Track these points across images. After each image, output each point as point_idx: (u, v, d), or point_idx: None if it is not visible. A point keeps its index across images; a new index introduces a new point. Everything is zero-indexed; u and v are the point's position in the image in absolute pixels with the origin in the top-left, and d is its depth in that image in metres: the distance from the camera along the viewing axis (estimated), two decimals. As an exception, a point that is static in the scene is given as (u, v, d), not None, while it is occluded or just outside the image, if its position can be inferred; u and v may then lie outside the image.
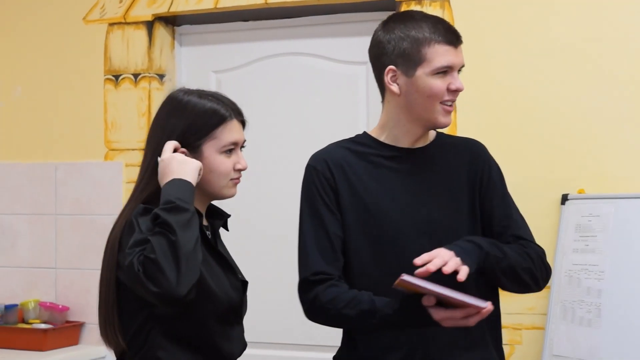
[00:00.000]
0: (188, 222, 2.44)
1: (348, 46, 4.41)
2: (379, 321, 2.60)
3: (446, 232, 2.75)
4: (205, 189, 2.68)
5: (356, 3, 4.27)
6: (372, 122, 4.31)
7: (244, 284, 2.80)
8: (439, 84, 2.73)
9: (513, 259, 2.69)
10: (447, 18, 4.03)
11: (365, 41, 2.88)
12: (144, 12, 4.59)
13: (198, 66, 4.71)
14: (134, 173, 4.53)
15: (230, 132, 2.67)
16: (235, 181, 2.72)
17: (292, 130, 4.46)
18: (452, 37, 2.73)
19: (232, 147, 2.67)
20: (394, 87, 2.77)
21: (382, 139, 2.85)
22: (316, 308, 2.70)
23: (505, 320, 2.90)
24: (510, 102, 3.88)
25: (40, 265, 4.74)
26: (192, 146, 2.64)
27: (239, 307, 2.73)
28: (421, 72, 2.73)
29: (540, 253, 2.79)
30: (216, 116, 2.66)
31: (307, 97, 4.49)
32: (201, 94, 2.72)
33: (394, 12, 4.14)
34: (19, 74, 4.85)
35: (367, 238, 2.76)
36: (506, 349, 3.85)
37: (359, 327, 2.70)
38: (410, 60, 2.74)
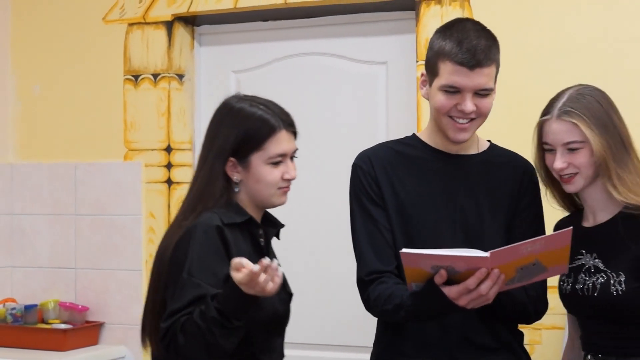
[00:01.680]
0: (232, 334, 2.48)
1: (368, 46, 4.39)
2: (405, 314, 2.65)
3: (480, 239, 2.76)
4: (254, 198, 2.69)
5: (375, 3, 4.25)
6: (391, 122, 4.31)
7: (290, 296, 2.81)
8: (445, 100, 2.73)
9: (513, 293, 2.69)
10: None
11: (385, 41, 2.88)
12: (163, 12, 4.59)
13: (217, 66, 4.70)
14: (154, 173, 4.56)
15: (278, 143, 2.66)
16: (284, 190, 2.72)
17: (312, 130, 4.44)
18: (468, 59, 2.68)
19: (279, 159, 2.67)
20: (423, 91, 2.83)
21: (428, 141, 2.88)
22: (370, 306, 2.78)
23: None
24: (530, 101, 3.86)
25: (59, 265, 4.74)
26: (240, 155, 2.65)
27: (284, 320, 2.74)
28: (435, 84, 2.75)
29: (540, 291, 2.81)
30: (265, 127, 2.65)
31: (327, 97, 4.48)
32: (253, 102, 2.72)
33: (413, 11, 4.13)
34: (38, 74, 4.85)
35: (405, 236, 2.80)
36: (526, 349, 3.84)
37: (396, 320, 2.75)
38: (429, 70, 2.78)
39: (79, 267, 4.71)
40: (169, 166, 4.58)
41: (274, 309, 2.66)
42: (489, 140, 2.98)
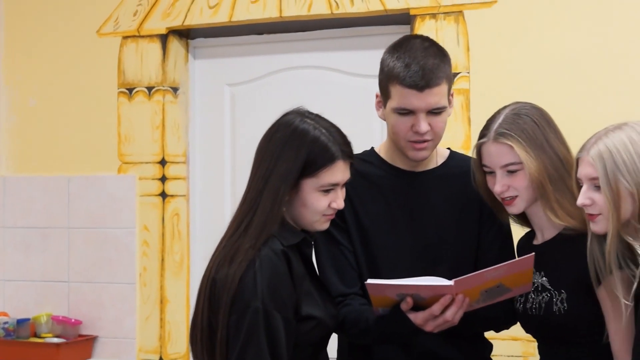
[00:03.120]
0: None
1: (363, 59, 4.39)
2: (373, 338, 2.69)
3: (442, 259, 2.77)
4: (297, 221, 2.62)
5: (371, 17, 4.26)
6: (386, 136, 4.29)
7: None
8: (400, 122, 2.73)
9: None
10: (461, 32, 4.02)
11: (380, 54, 2.87)
12: (157, 25, 4.59)
13: (212, 79, 4.70)
14: (148, 186, 4.55)
15: (333, 174, 2.57)
16: (329, 217, 2.64)
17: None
18: (418, 81, 2.66)
19: (330, 187, 2.59)
20: (379, 113, 2.84)
21: (387, 158, 2.87)
22: (338, 329, 2.76)
23: (517, 332, 2.89)
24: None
25: (52, 278, 4.73)
26: (295, 180, 2.56)
27: (331, 333, 2.71)
28: (389, 106, 2.76)
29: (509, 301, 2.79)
30: (325, 155, 2.56)
31: (322, 111, 4.44)
32: (317, 124, 2.63)
33: (408, 25, 4.14)
34: (32, 87, 4.84)
35: (367, 257, 2.80)
36: (521, 365, 3.83)
37: (365, 342, 2.77)
38: (382, 93, 2.80)
39: (72, 280, 4.69)
40: (163, 179, 4.57)
41: (327, 327, 2.63)
42: (448, 148, 2.98)
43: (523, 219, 2.86)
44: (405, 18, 4.16)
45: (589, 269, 2.56)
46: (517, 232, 2.93)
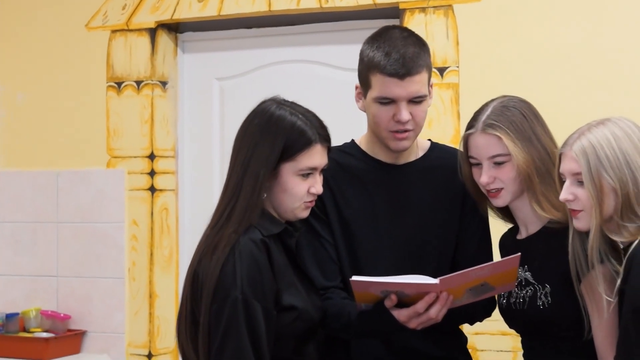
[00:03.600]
0: None
1: (352, 53, 4.33)
2: (355, 333, 2.69)
3: (424, 252, 2.78)
4: (278, 209, 2.65)
5: (360, 11, 4.25)
6: (375, 130, 4.30)
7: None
8: (382, 112, 2.73)
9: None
10: (450, 26, 4.02)
11: (370, 49, 2.86)
12: (146, 19, 4.58)
13: (201, 73, 4.69)
14: (137, 180, 4.54)
15: (311, 157, 2.61)
16: (308, 204, 2.66)
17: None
18: (398, 69, 2.67)
19: (309, 171, 2.62)
20: (359, 104, 2.83)
21: (368, 150, 2.87)
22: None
23: (507, 327, 2.88)
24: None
25: (41, 273, 4.72)
26: (274, 165, 2.59)
27: (317, 326, 2.71)
28: (369, 96, 2.75)
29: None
30: (302, 139, 2.60)
31: (311, 105, 4.44)
32: (293, 110, 2.67)
33: (397, 19, 4.13)
34: (20, 81, 4.83)
35: (347, 250, 2.80)
36: (509, 356, 3.84)
37: (346, 337, 2.77)
38: (362, 83, 2.79)
39: (61, 275, 4.68)
40: (152, 173, 4.56)
41: (310, 318, 2.64)
42: (429, 140, 2.99)
43: (506, 214, 2.87)
44: (394, 12, 4.16)
45: (570, 264, 2.57)
46: (500, 228, 2.94)
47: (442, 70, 4.03)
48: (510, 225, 2.90)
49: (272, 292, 2.52)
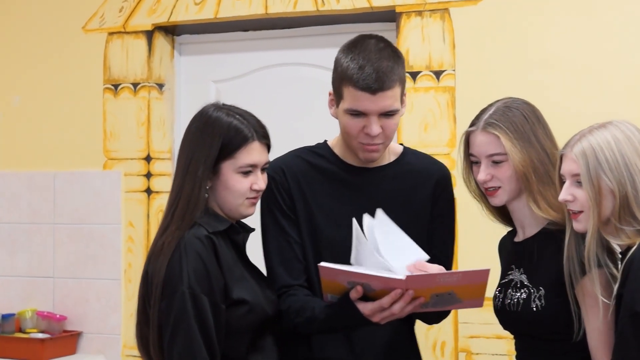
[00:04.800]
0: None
1: (348, 57, 4.39)
2: (319, 326, 2.69)
3: None
4: (223, 207, 2.72)
5: (357, 14, 4.26)
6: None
7: (276, 296, 2.82)
8: (352, 123, 2.74)
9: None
10: (447, 29, 4.03)
11: (365, 52, 2.86)
12: (143, 21, 4.59)
13: (197, 76, 4.70)
14: (133, 182, 4.55)
15: (249, 154, 2.69)
16: (252, 201, 2.74)
17: (292, 140, 4.43)
18: (371, 84, 2.66)
19: (249, 169, 2.69)
20: (331, 111, 2.84)
21: (340, 154, 2.89)
22: (281, 319, 2.77)
23: (502, 331, 2.89)
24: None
25: (38, 274, 4.72)
26: (212, 163, 2.68)
27: (272, 321, 2.74)
28: (341, 106, 2.76)
29: None
30: (239, 137, 2.69)
31: (307, 108, 4.48)
32: (230, 111, 2.76)
33: (394, 22, 4.14)
34: (18, 83, 4.84)
35: (314, 249, 2.82)
36: (504, 359, 3.85)
37: (310, 332, 2.78)
38: (335, 92, 2.80)
39: (57, 276, 4.69)
40: (148, 175, 4.57)
41: (263, 312, 2.68)
42: (401, 144, 3.01)
43: (504, 217, 2.89)
44: (391, 15, 4.17)
45: (564, 267, 2.59)
46: (500, 232, 2.96)
47: (438, 74, 4.04)
48: (509, 229, 2.92)
49: (220, 286, 2.59)
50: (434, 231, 2.88)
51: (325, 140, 2.97)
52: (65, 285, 4.67)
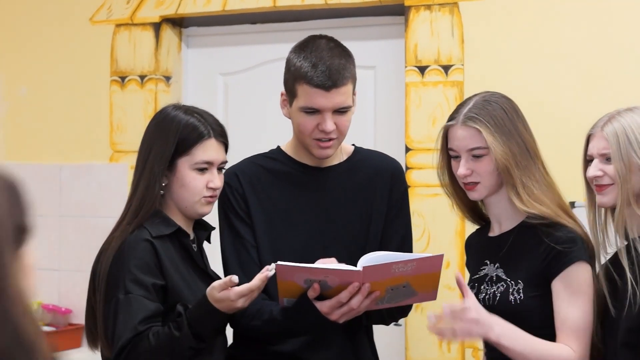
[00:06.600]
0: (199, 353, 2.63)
1: (356, 50, 4.31)
2: (278, 328, 2.72)
3: (348, 255, 2.79)
4: (179, 205, 2.77)
5: (365, 7, 4.24)
6: (379, 126, 4.29)
7: None
8: (307, 121, 2.78)
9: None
10: (456, 24, 4.01)
11: (373, 45, 2.89)
12: (151, 13, 4.57)
13: (205, 68, 4.69)
14: (139, 175, 4.53)
15: (205, 151, 2.73)
16: (209, 199, 2.78)
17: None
18: (325, 81, 2.73)
19: (205, 166, 2.73)
20: (284, 111, 2.89)
21: (293, 155, 2.93)
22: (236, 322, 2.81)
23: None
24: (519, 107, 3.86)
25: (43, 267, 4.71)
26: (168, 159, 2.72)
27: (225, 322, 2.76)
28: (295, 105, 2.81)
29: None
30: (194, 133, 2.73)
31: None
32: (188, 110, 2.79)
33: (403, 16, 4.12)
34: (24, 75, 4.83)
35: (271, 250, 2.85)
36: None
37: (268, 336, 2.80)
38: (288, 92, 2.85)
39: (62, 269, 4.68)
40: (154, 168, 4.55)
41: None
42: (353, 144, 3.04)
43: (474, 214, 2.93)
44: (399, 9, 4.15)
45: (555, 254, 2.65)
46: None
47: (446, 68, 4.02)
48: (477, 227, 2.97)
49: (157, 288, 2.65)
50: (391, 224, 2.93)
51: (278, 146, 3.02)
52: (71, 278, 4.66)
